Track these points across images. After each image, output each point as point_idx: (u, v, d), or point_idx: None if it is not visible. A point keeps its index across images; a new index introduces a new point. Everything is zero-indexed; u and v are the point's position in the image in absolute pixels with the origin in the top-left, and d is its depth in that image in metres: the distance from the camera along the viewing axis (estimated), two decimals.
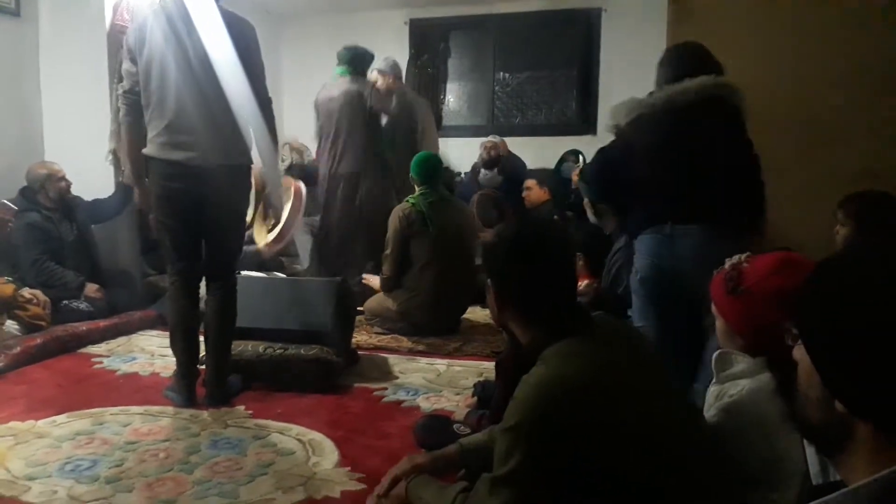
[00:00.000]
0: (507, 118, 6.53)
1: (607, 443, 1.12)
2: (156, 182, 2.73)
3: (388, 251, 3.83)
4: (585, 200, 2.82)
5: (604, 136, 5.70)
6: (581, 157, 4.72)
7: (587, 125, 6.18)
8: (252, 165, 2.85)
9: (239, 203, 2.86)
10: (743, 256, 1.47)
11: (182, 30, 2.63)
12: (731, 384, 1.39)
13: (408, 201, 3.86)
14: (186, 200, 2.71)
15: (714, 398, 1.43)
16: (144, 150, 2.73)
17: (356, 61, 4.50)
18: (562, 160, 4.98)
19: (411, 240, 3.79)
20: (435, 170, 3.92)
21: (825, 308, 0.78)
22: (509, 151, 5.72)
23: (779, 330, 1.23)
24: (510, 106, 6.54)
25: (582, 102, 6.26)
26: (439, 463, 1.52)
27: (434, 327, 3.81)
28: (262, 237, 4.58)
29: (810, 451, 0.96)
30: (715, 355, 1.46)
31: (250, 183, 2.94)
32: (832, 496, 0.76)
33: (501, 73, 6.54)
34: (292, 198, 4.48)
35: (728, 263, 1.47)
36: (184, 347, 2.83)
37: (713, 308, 1.50)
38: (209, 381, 2.87)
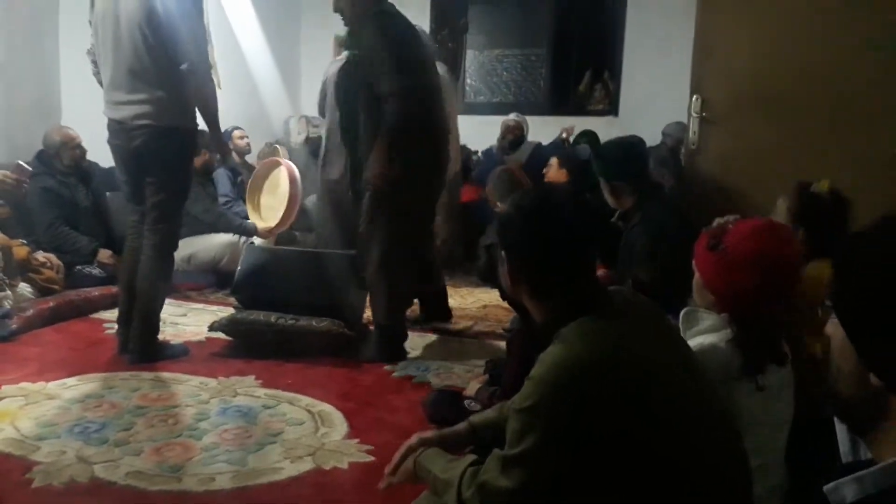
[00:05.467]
0: (526, 96, 6.44)
1: (627, 424, 1.08)
2: (109, 138, 2.91)
3: None
4: (601, 179, 2.76)
5: (625, 118, 5.69)
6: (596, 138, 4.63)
7: (609, 106, 6.08)
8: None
9: (176, 164, 2.86)
10: (731, 218, 1.56)
11: None
12: (696, 338, 1.47)
13: None
14: (125, 156, 2.86)
15: None
16: None
17: None
18: (576, 141, 4.91)
19: None
20: None
21: (860, 278, 0.76)
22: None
23: (747, 290, 1.41)
24: (529, 84, 6.45)
25: (604, 83, 6.16)
26: (449, 439, 1.48)
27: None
28: (258, 219, 4.57)
29: (841, 429, 0.94)
30: (683, 312, 1.55)
31: (191, 145, 2.94)
32: (864, 472, 0.74)
33: (520, 50, 6.43)
34: (288, 184, 4.46)
35: (716, 222, 1.56)
36: (124, 296, 2.95)
37: (693, 262, 1.56)
38: (132, 332, 2.89)
